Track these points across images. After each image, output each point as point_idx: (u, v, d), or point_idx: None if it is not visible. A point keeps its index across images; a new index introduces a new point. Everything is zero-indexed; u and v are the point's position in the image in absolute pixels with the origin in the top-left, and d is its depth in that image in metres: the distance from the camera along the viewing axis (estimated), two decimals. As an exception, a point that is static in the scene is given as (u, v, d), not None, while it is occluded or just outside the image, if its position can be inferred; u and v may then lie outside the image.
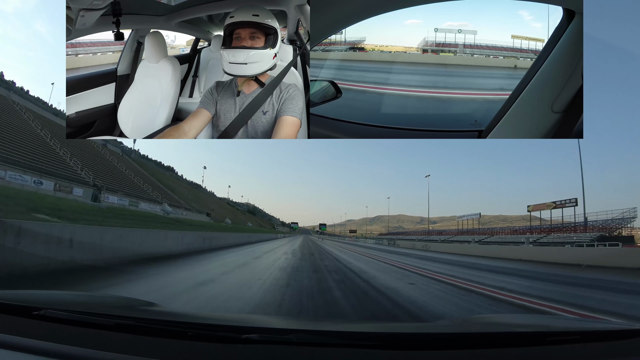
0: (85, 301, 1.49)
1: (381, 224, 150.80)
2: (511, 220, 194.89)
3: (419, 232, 78.61)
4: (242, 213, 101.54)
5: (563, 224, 33.28)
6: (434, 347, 0.89)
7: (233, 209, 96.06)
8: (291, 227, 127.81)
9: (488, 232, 45.91)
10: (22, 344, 0.81)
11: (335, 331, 1.07)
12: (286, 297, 4.44)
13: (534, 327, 1.23)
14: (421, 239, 50.43)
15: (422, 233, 66.19)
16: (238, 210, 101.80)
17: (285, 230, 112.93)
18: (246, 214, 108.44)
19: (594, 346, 0.92)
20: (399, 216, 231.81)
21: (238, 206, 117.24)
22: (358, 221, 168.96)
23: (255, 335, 0.86)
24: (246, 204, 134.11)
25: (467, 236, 44.97)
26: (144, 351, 0.80)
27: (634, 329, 1.00)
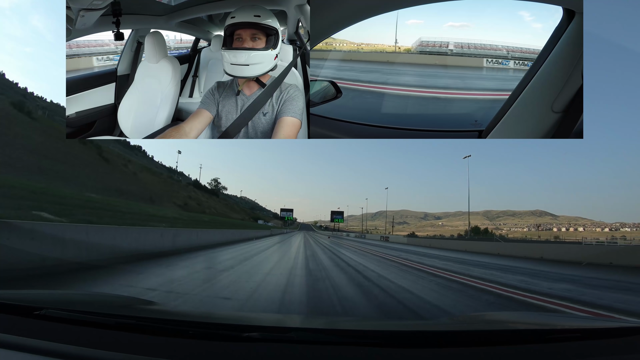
0: (85, 300, 1.49)
1: (384, 220, 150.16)
2: (520, 215, 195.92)
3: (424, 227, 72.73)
4: (184, 186, 58.76)
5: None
6: (434, 344, 0.89)
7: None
8: (283, 220, 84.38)
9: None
10: (23, 343, 0.81)
11: (336, 329, 1.07)
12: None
13: (534, 325, 1.23)
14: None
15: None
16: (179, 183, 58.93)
17: (274, 225, 72.32)
18: (189, 186, 61.84)
19: (594, 343, 0.92)
20: (402, 211, 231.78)
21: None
22: (359, 217, 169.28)
23: (256, 333, 0.86)
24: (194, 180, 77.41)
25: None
26: (144, 350, 0.80)
27: (635, 326, 1.00)
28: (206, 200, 59.22)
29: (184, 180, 72.33)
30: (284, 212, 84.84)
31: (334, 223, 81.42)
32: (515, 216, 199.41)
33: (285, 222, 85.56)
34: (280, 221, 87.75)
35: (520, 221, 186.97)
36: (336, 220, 79.78)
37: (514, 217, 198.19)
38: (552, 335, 0.98)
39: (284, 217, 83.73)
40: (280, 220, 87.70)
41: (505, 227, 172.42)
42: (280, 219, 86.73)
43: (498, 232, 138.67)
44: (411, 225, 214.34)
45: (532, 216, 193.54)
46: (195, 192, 58.66)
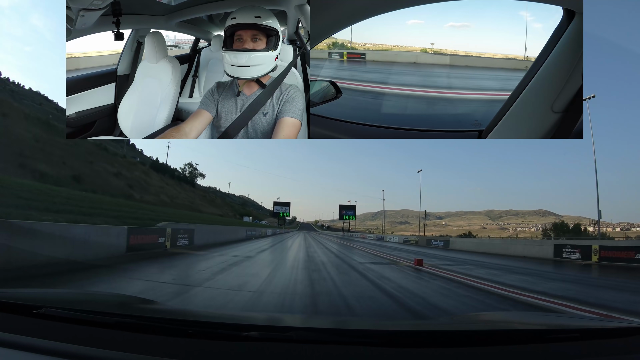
0: (85, 299, 1.49)
1: (385, 219, 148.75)
2: (523, 215, 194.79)
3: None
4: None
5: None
6: (434, 344, 0.89)
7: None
8: (278, 217, 63.88)
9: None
10: (23, 342, 0.81)
11: (336, 329, 1.07)
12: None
13: (533, 325, 1.23)
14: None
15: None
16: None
17: (267, 224, 62.86)
18: (147, 167, 47.81)
19: (593, 343, 0.92)
20: (403, 211, 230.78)
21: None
22: (360, 216, 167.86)
23: (256, 332, 0.86)
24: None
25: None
26: (144, 349, 0.80)
27: (635, 326, 1.00)
28: (168, 187, 45.95)
29: (139, 159, 53.45)
30: (278, 206, 61.39)
31: (344, 221, 63.26)
32: (518, 216, 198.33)
33: (280, 219, 64.73)
34: (275, 219, 68.34)
35: (524, 221, 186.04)
36: (346, 217, 61.57)
37: (517, 216, 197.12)
38: (552, 335, 0.99)
39: (278, 213, 61.92)
40: (274, 217, 67.17)
41: (510, 227, 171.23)
42: (274, 215, 64.23)
43: (506, 232, 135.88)
44: (413, 225, 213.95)
45: (536, 216, 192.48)
46: (149, 176, 43.67)
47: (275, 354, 0.81)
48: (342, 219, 63.16)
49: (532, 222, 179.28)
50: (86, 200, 16.75)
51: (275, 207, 62.49)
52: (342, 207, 62.07)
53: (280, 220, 65.64)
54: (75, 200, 15.56)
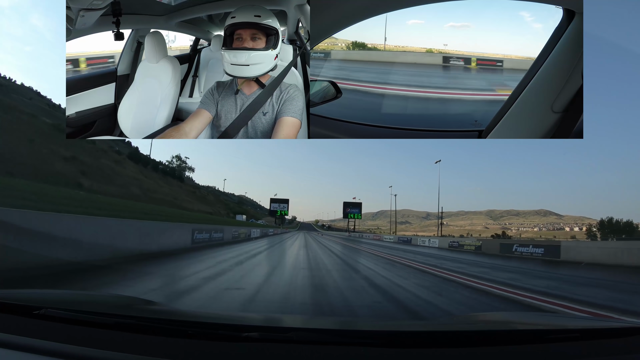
0: (85, 300, 1.49)
1: (385, 219, 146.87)
2: (524, 215, 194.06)
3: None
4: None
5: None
6: (434, 345, 0.89)
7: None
8: (276, 216, 58.28)
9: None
10: (23, 343, 0.81)
11: (336, 329, 1.07)
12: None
13: (534, 325, 1.23)
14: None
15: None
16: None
17: (263, 224, 56.38)
18: (123, 157, 42.03)
19: (594, 344, 0.92)
20: (403, 211, 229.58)
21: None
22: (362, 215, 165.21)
23: (256, 333, 0.86)
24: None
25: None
26: (144, 350, 0.80)
27: (635, 326, 1.00)
28: (146, 180, 40.06)
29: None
30: (275, 203, 56.26)
31: (348, 220, 57.76)
32: (519, 216, 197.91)
33: (278, 217, 59.25)
34: (272, 217, 62.21)
35: (526, 221, 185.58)
36: (351, 215, 55.91)
37: (518, 216, 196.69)
38: (552, 335, 0.99)
39: (275, 212, 56.49)
40: (272, 216, 61.06)
41: (512, 227, 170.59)
42: (272, 213, 58.90)
43: (509, 232, 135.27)
44: (414, 225, 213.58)
45: (537, 216, 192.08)
46: (123, 165, 38.15)
47: (275, 355, 0.81)
48: (346, 218, 58.23)
49: (534, 222, 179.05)
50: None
51: (273, 205, 57.45)
52: (346, 204, 56.93)
53: (278, 219, 60.55)
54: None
